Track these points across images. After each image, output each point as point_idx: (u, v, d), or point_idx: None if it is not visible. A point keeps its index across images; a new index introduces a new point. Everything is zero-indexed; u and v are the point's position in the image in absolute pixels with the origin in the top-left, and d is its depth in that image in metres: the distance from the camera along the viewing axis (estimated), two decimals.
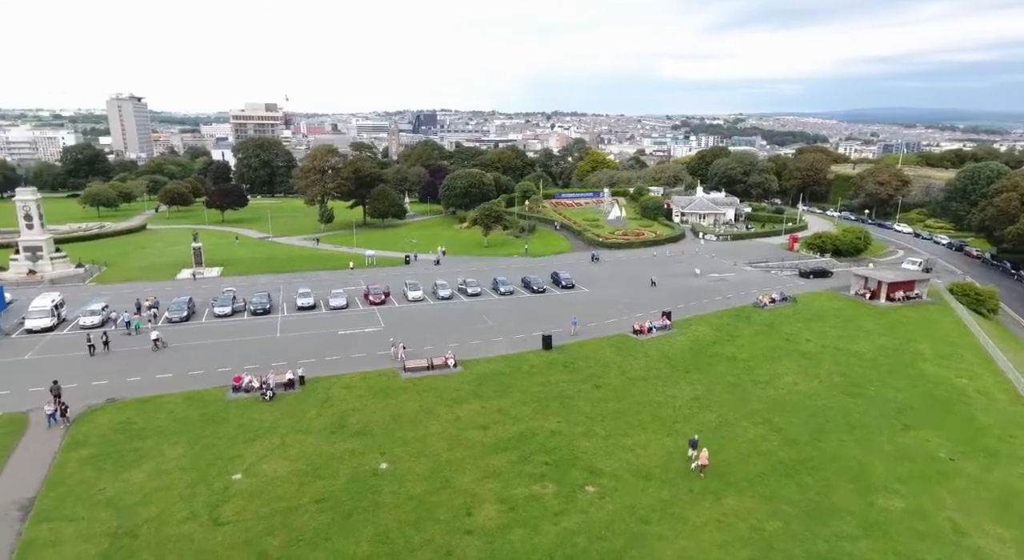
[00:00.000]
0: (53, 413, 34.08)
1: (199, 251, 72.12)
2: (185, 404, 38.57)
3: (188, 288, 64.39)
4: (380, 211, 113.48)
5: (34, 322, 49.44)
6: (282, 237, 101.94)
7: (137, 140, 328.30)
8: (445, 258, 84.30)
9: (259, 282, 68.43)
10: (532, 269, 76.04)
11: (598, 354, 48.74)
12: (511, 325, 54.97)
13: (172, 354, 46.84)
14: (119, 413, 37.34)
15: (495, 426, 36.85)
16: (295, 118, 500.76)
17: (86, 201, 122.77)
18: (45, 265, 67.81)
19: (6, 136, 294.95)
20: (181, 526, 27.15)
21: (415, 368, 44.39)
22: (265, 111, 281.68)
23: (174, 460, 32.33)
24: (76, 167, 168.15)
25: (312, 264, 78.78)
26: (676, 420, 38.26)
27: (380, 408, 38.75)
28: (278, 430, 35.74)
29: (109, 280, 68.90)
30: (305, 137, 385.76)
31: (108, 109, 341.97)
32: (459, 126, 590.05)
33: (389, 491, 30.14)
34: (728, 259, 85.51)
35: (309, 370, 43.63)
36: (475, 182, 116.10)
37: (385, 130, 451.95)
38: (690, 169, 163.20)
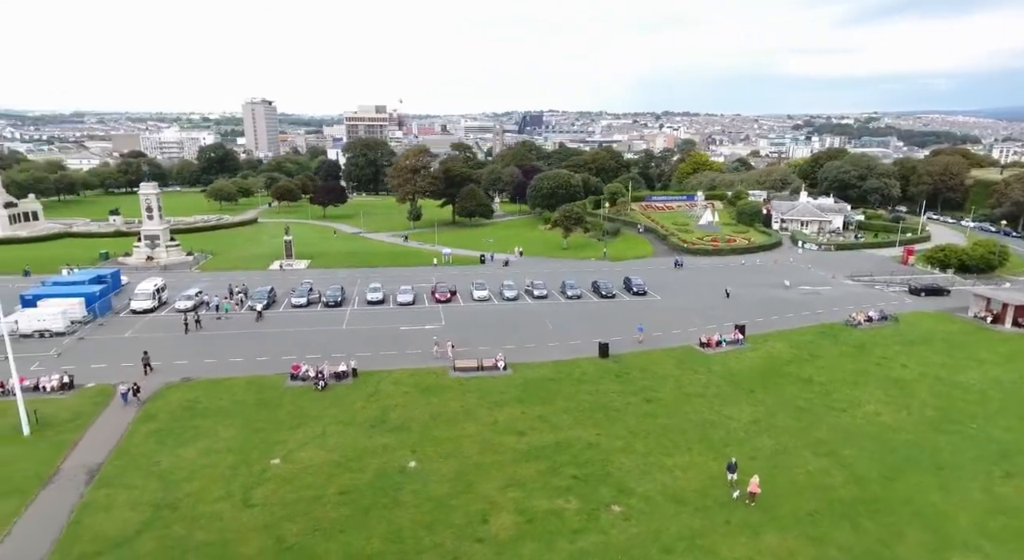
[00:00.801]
0: (126, 393, 37.54)
1: (289, 244, 77.13)
2: (246, 388, 41.18)
3: (274, 278, 68.99)
4: (468, 210, 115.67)
5: (138, 303, 55.16)
6: (373, 233, 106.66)
7: (266, 140, 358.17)
8: (521, 259, 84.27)
9: (339, 275, 71.88)
10: (607, 273, 74.09)
11: (656, 366, 46.42)
12: (571, 330, 53.76)
13: (245, 339, 50.27)
14: (190, 392, 40.57)
15: (531, 433, 36.08)
16: (408, 119, 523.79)
17: (210, 195, 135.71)
18: (161, 252, 75.57)
19: (160, 137, 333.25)
20: (215, 504, 28.90)
21: (464, 368, 44.56)
22: (375, 113, 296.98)
23: (224, 441, 34.55)
24: (209, 165, 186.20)
25: (394, 260, 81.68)
26: (727, 443, 35.48)
27: (422, 405, 39.22)
28: (322, 420, 37.18)
29: (212, 268, 75.48)
30: (416, 138, 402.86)
31: (244, 112, 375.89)
32: (565, 127, 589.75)
33: (411, 490, 30.34)
34: (826, 271, 78.55)
35: (365, 363, 45.09)
36: (562, 183, 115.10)
37: (491, 131, 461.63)
38: (801, 172, 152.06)
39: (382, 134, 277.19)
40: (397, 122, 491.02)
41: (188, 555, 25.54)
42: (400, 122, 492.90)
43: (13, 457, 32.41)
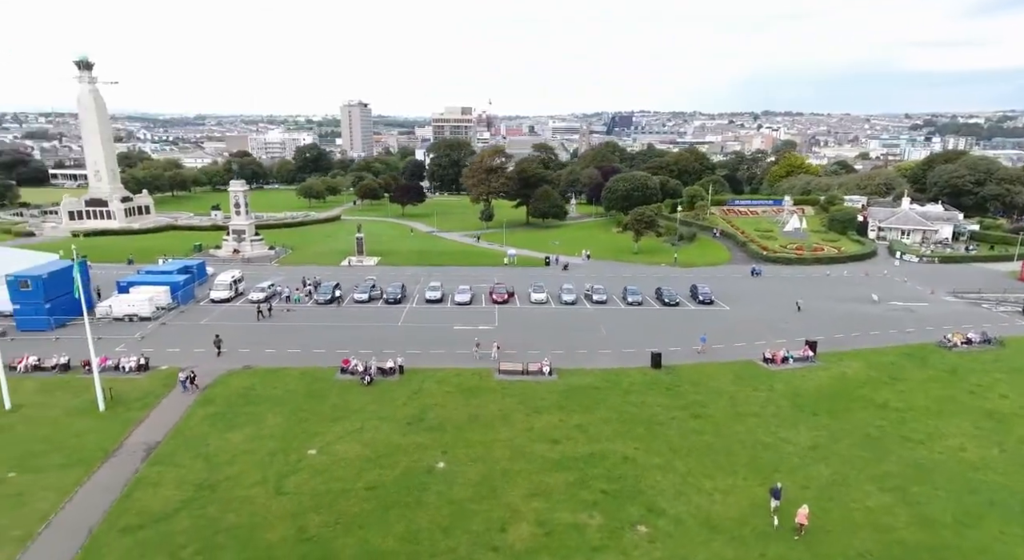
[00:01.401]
0: (184, 380, 40.06)
1: (361, 241, 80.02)
2: (299, 379, 42.92)
3: (343, 274, 71.76)
4: (541, 211, 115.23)
5: (216, 293, 59.17)
6: (446, 232, 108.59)
7: (360, 141, 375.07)
8: (588, 262, 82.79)
9: (406, 273, 73.68)
10: (675, 280, 71.26)
11: (711, 380, 43.93)
12: (626, 338, 52.05)
13: (306, 331, 52.47)
14: (248, 379, 42.84)
15: (566, 442, 35.11)
16: (496, 120, 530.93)
17: (301, 193, 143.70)
18: (246, 246, 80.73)
19: (265, 138, 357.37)
20: (250, 489, 30.22)
21: (509, 371, 44.18)
22: (460, 114, 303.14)
23: (270, 428, 36.13)
24: (304, 164, 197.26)
25: (461, 259, 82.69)
26: (778, 468, 32.86)
27: (461, 407, 39.22)
28: (363, 414, 38.04)
29: (289, 262, 79.71)
30: (504, 138, 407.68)
31: (341, 114, 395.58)
32: (655, 127, 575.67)
33: (435, 491, 30.32)
34: (925, 285, 71.49)
35: (413, 361, 45.79)
36: (638, 185, 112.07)
37: (578, 131, 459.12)
38: (911, 176, 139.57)
39: (467, 135, 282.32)
40: (486, 123, 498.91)
41: (217, 536, 26.80)
42: (489, 123, 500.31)
43: (87, 430, 35.50)
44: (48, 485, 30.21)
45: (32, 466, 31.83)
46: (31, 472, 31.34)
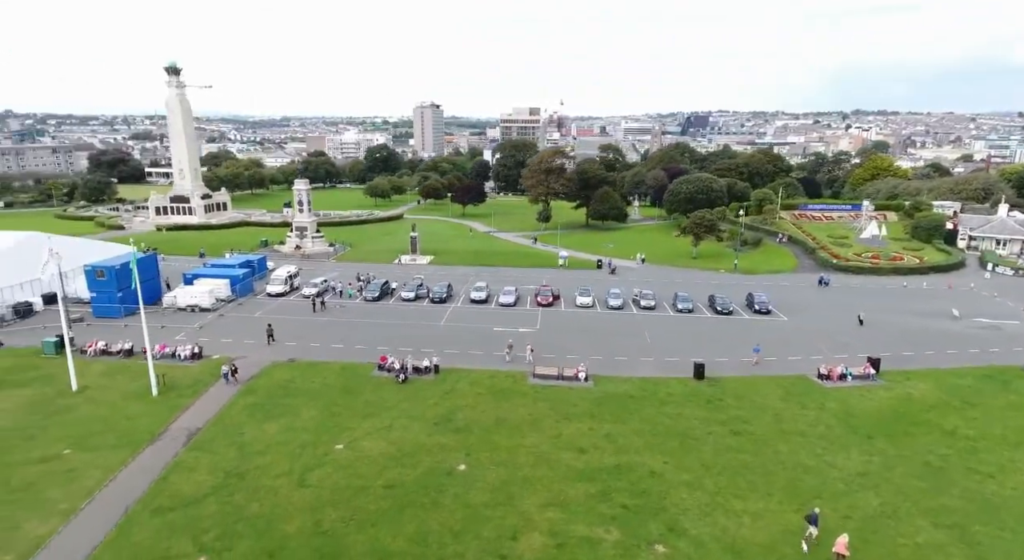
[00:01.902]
0: (226, 373, 41.78)
1: (415, 240, 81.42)
2: (338, 374, 43.98)
3: (394, 272, 73.15)
4: (600, 213, 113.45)
5: (272, 288, 61.78)
6: (503, 233, 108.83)
7: (432, 142, 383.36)
8: (642, 266, 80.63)
9: (457, 273, 74.26)
10: (732, 287, 68.26)
11: (757, 394, 41.57)
12: (671, 346, 50.20)
13: (351, 327, 53.76)
14: (290, 372, 44.32)
15: (593, 451, 34.12)
16: (567, 121, 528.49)
17: (368, 192, 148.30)
18: (307, 242, 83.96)
19: (341, 139, 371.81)
20: (275, 479, 31.13)
21: (544, 375, 43.52)
22: (528, 115, 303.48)
23: (303, 421, 37.15)
24: (374, 164, 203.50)
25: (514, 260, 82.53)
26: (819, 494, 30.58)
27: (490, 409, 38.94)
28: (393, 412, 38.47)
29: (346, 259, 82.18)
30: (574, 139, 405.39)
31: (414, 115, 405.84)
32: (734, 128, 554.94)
33: (452, 493, 30.17)
34: (1018, 301, 64.97)
35: (451, 361, 46.00)
36: (702, 187, 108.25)
37: (650, 132, 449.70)
38: (1016, 181, 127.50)
39: (534, 136, 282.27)
40: (556, 124, 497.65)
41: (238, 524, 27.73)
42: (560, 124, 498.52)
43: (138, 413, 37.76)
44: (97, 463, 32.29)
45: (87, 444, 34.14)
46: (85, 450, 33.61)
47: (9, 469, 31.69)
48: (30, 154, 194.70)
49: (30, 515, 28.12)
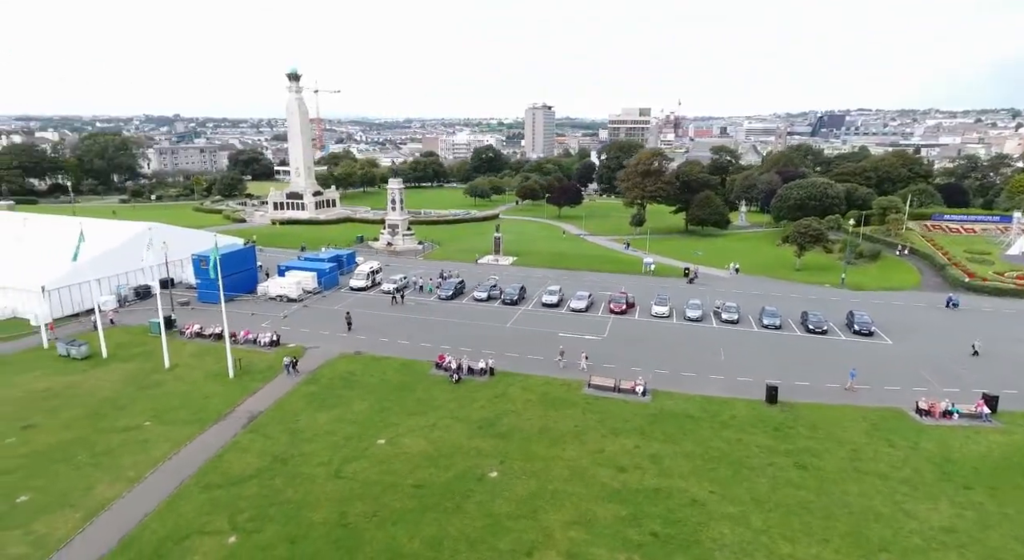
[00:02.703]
0: (288, 365, 43.85)
1: (498, 241, 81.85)
2: (397, 369, 45.10)
3: (477, 272, 73.92)
4: (699, 218, 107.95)
5: (355, 282, 64.72)
6: (594, 236, 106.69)
7: (542, 143, 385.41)
8: (736, 277, 75.48)
9: (536, 274, 73.69)
10: (833, 303, 62.16)
11: (836, 426, 37.31)
12: (747, 364, 46.45)
13: (419, 324, 54.91)
14: (354, 364, 46.08)
15: (633, 471, 32.26)
16: (684, 122, 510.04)
17: (468, 192, 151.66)
18: (398, 240, 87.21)
19: (453, 139, 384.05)
20: (314, 468, 32.39)
21: (599, 386, 41.89)
22: (638, 116, 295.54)
23: (354, 413, 38.42)
24: (480, 164, 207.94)
25: (597, 264, 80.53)
26: (886, 547, 26.84)
27: (536, 417, 38.07)
28: (440, 412, 38.74)
29: (433, 257, 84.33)
30: (691, 140, 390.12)
31: (525, 117, 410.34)
32: (875, 127, 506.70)
33: (477, 500, 29.76)
34: None
35: (509, 364, 45.67)
36: (815, 193, 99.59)
37: (775, 133, 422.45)
38: None
39: (643, 137, 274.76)
40: (673, 124, 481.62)
41: (272, 508, 29.11)
42: (676, 124, 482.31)
43: (212, 393, 40.95)
44: (169, 436, 35.36)
45: (164, 418, 37.53)
46: (162, 423, 36.96)
47: (98, 435, 35.54)
48: (182, 153, 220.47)
49: (103, 478, 31.30)
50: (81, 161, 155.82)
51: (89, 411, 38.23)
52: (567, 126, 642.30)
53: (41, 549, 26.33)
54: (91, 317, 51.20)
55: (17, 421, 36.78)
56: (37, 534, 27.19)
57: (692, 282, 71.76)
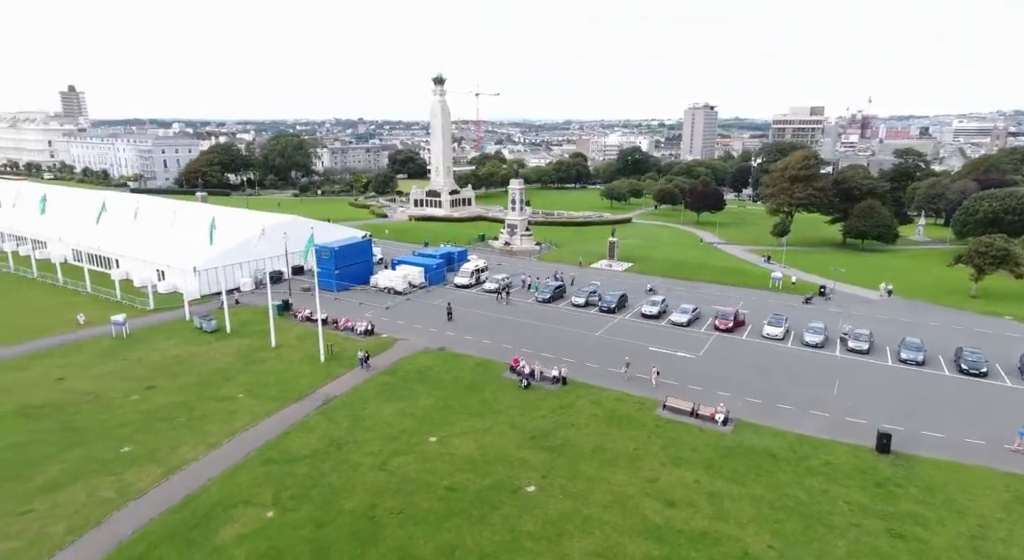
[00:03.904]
0: (362, 359, 45.04)
1: (613, 245, 78.77)
2: (472, 369, 45.17)
3: (588, 276, 71.77)
4: (858, 231, 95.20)
5: (459, 279, 66.17)
6: (729, 245, 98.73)
7: (701, 144, 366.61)
8: (887, 300, 65.15)
9: (649, 282, 69.84)
10: (1011, 342, 51.17)
11: (963, 491, 30.45)
12: (863, 403, 39.78)
13: (509, 326, 54.50)
14: (434, 359, 46.99)
15: (684, 508, 28.96)
16: (874, 121, 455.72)
17: (605, 194, 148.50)
18: (516, 240, 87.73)
19: (604, 140, 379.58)
20: (363, 457, 33.40)
21: (675, 408, 38.37)
22: (809, 114, 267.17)
23: (417, 408, 39.08)
24: (625, 166, 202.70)
25: (719, 276, 74.17)
26: None
27: (596, 434, 35.83)
28: (500, 416, 38.02)
29: (547, 258, 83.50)
30: (880, 141, 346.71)
31: (684, 117, 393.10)
32: None
33: (503, 514, 28.61)
34: None
35: (586, 374, 43.76)
36: (1012, 206, 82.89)
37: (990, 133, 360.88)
38: None
39: (813, 139, 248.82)
40: (860, 124, 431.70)
41: (313, 490, 30.50)
42: (864, 124, 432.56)
43: (302, 374, 44.12)
44: (253, 410, 38.69)
45: (256, 392, 41.17)
46: (253, 397, 40.57)
47: (199, 401, 39.95)
48: (351, 153, 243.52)
49: (190, 440, 35.05)
50: (266, 159, 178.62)
51: (200, 379, 43.19)
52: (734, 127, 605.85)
53: (123, 496, 30.05)
54: (231, 295, 57.81)
55: (145, 382, 42.66)
56: (124, 483, 31.12)
57: (808, 301, 63.15)
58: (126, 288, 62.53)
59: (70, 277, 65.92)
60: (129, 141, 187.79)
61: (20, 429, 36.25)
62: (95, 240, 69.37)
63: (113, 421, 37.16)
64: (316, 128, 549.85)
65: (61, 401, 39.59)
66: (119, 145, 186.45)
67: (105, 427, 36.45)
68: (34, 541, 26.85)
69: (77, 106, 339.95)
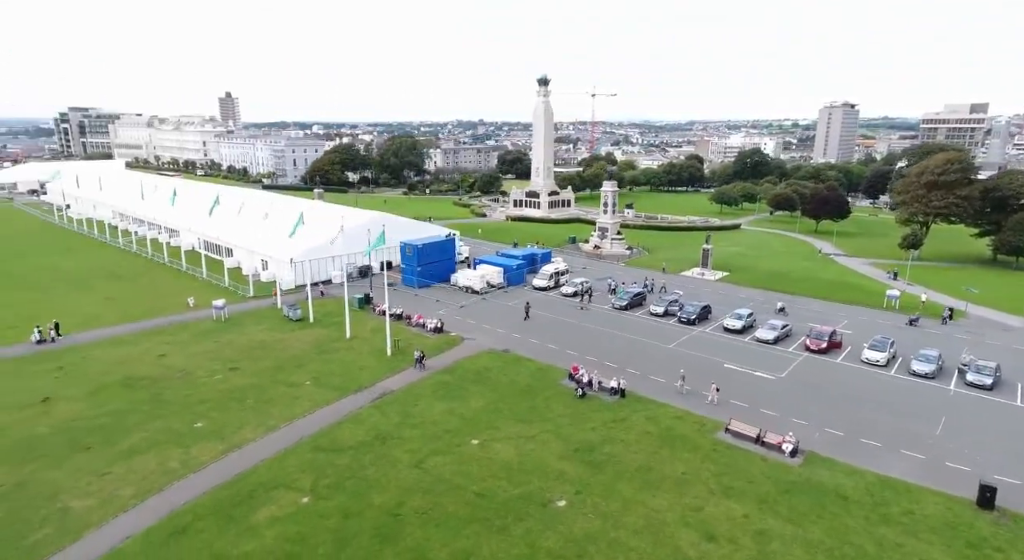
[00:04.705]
0: (418, 359, 45.07)
1: (706, 253, 73.93)
2: (531, 373, 44.27)
3: (676, 284, 68.02)
4: (1011, 246, 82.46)
5: (537, 282, 65.37)
6: (848, 257, 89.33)
7: (837, 146, 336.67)
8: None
9: (740, 294, 64.94)
10: None
11: None
12: (972, 447, 34.14)
13: (581, 331, 52.86)
14: (495, 361, 46.63)
15: (725, 545, 26.32)
16: None
17: (714, 198, 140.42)
18: (606, 243, 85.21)
19: (725, 142, 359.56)
20: (403, 453, 33.74)
21: (739, 432, 35.14)
22: (969, 113, 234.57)
23: (467, 408, 38.90)
24: (742, 168, 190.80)
25: (825, 292, 67.15)
26: None
27: (644, 452, 33.66)
28: (547, 424, 36.90)
29: (637, 264, 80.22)
30: None
31: (819, 117, 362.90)
32: None
33: (526, 527, 27.58)
34: None
35: (648, 388, 41.47)
36: None
37: None
38: None
39: (971, 139, 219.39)
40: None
41: (349, 481, 31.21)
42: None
43: (366, 366, 45.57)
44: (315, 398, 40.53)
45: (321, 381, 43.15)
46: (318, 385, 42.55)
47: (271, 385, 42.54)
48: (462, 153, 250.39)
49: (253, 421, 37.34)
50: (382, 158, 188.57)
51: (277, 364, 46.05)
52: (881, 127, 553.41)
53: (186, 468, 32.59)
54: (315, 287, 61.33)
55: (229, 363, 46.22)
56: (190, 455, 33.76)
57: (912, 323, 55.05)
58: (234, 276, 68.37)
59: (192, 264, 73.44)
60: (266, 142, 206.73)
61: (121, 398, 40.59)
62: (214, 230, 76.66)
63: (194, 397, 40.56)
64: (438, 129, 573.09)
65: (158, 375, 43.91)
66: (257, 145, 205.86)
67: (187, 402, 39.87)
68: (105, 501, 29.78)
69: (232, 110, 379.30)
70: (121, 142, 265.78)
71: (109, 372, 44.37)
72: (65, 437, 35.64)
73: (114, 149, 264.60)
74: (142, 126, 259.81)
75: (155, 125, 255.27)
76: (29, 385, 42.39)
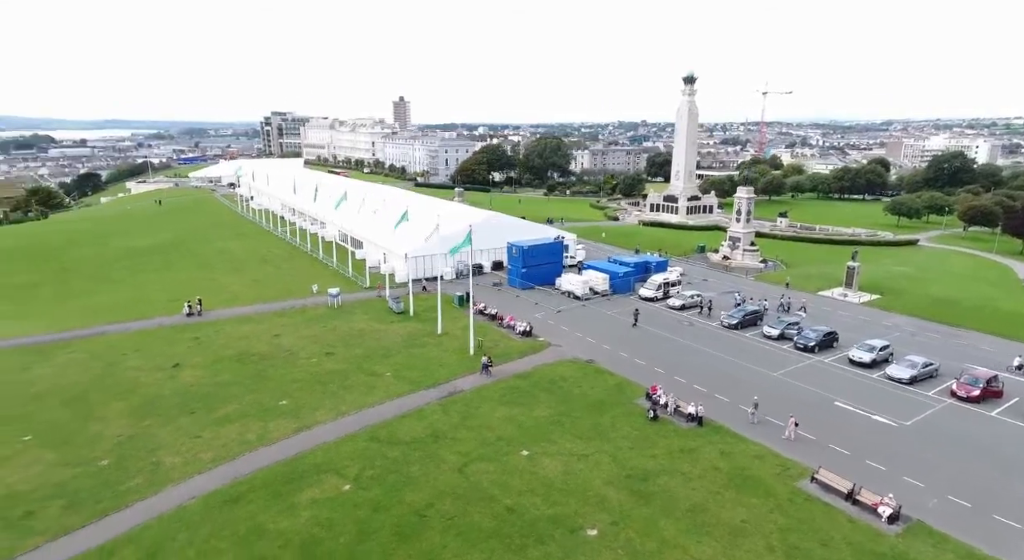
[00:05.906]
0: (485, 364, 43.93)
1: (851, 271, 64.04)
2: (607, 388, 41.65)
3: (819, 304, 60.06)
4: None
5: (645, 291, 61.41)
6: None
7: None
8: None
9: (886, 321, 55.48)
10: None
11: None
12: None
13: (677, 348, 48.75)
14: (574, 370, 44.57)
15: None
16: None
17: (889, 209, 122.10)
18: (737, 254, 77.78)
19: (924, 144, 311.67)
20: (451, 455, 33.41)
21: (827, 484, 29.89)
22: None
23: (529, 417, 37.53)
24: (937, 175, 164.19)
25: (1009, 328, 54.94)
26: None
27: (704, 491, 29.96)
28: (607, 444, 34.46)
29: (767, 279, 72.04)
30: None
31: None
32: None
33: (544, 552, 25.84)
34: None
35: (734, 419, 37.09)
36: None
37: None
38: None
39: None
40: None
41: (391, 475, 31.54)
42: None
43: (446, 364, 46.03)
44: (389, 389, 41.80)
45: (399, 374, 44.44)
46: (395, 378, 43.83)
47: (355, 372, 44.74)
48: (611, 155, 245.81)
49: (328, 405, 39.45)
50: (526, 159, 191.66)
51: (368, 352, 48.40)
52: None
53: (260, 441, 35.31)
54: (418, 283, 63.39)
55: (328, 347, 49.50)
56: (267, 430, 36.54)
57: None
58: (357, 267, 73.47)
59: (328, 254, 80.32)
60: (423, 143, 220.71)
61: (232, 371, 45.28)
62: (349, 223, 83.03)
63: (289, 377, 43.97)
64: (599, 130, 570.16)
65: (267, 353, 48.35)
66: (415, 145, 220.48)
67: (281, 381, 43.34)
68: (189, 461, 33.28)
69: (404, 113, 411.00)
70: (308, 142, 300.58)
71: (230, 346, 49.80)
72: (179, 399, 40.53)
73: (303, 149, 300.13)
74: (325, 128, 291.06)
75: (335, 127, 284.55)
76: (170, 351, 48.98)
